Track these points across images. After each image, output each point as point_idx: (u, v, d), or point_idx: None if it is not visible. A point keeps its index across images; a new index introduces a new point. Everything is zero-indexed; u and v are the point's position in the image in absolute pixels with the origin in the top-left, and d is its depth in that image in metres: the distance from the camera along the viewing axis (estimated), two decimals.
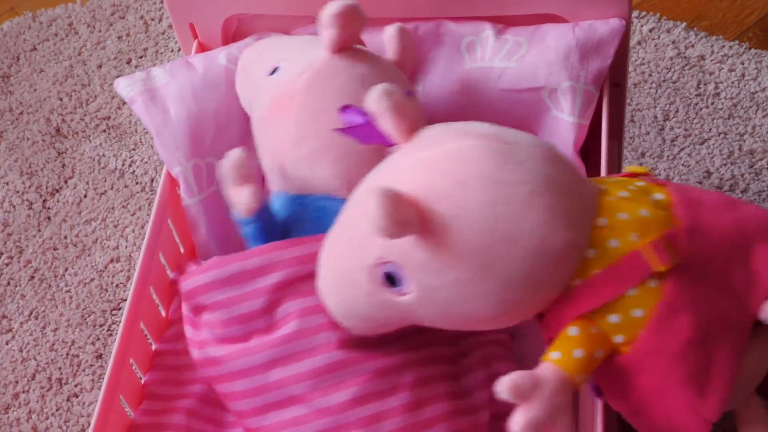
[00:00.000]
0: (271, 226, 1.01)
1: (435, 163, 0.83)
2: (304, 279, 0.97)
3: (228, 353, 0.99)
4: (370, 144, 0.90)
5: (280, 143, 1.01)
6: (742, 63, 1.56)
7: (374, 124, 0.88)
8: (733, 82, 1.54)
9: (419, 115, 0.87)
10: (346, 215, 0.90)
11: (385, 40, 1.07)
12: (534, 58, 1.09)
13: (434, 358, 0.97)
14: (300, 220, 1.02)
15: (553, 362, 0.83)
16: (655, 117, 1.51)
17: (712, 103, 1.52)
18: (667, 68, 1.57)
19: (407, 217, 0.80)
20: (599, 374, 0.86)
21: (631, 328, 0.84)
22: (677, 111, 1.52)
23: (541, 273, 0.83)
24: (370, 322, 0.91)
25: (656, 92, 1.54)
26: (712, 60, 1.57)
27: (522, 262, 0.82)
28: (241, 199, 0.99)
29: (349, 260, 0.88)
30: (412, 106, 0.87)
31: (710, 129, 1.49)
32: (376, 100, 0.86)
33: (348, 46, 1.02)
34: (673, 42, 1.60)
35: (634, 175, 0.92)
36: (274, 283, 0.98)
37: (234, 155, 1.00)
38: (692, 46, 1.59)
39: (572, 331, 0.84)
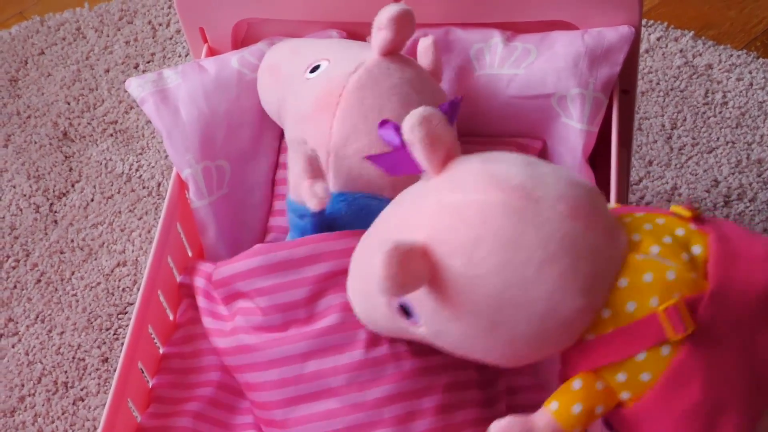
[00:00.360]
0: (323, 222, 1.01)
1: (456, 214, 0.81)
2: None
3: (264, 341, 0.99)
4: (397, 175, 0.89)
5: (326, 139, 1.01)
6: (750, 72, 1.56)
7: (407, 149, 0.86)
8: (741, 91, 1.54)
9: (454, 144, 0.85)
10: (371, 231, 0.89)
11: (420, 51, 1.07)
12: (543, 65, 1.09)
13: (467, 364, 0.97)
14: (342, 217, 1.02)
15: (550, 412, 0.82)
16: (663, 125, 1.51)
17: (720, 112, 1.52)
18: (675, 77, 1.57)
19: (416, 272, 0.79)
20: (610, 413, 0.85)
21: (637, 388, 0.82)
22: (685, 120, 1.52)
23: (548, 335, 0.81)
24: (388, 332, 0.92)
25: (664, 101, 1.54)
26: (719, 69, 1.57)
27: (528, 326, 0.80)
28: (315, 192, 0.98)
29: (369, 282, 0.87)
30: (447, 134, 0.84)
31: (718, 138, 1.49)
32: (409, 129, 0.83)
33: (398, 50, 1.03)
34: (681, 51, 1.60)
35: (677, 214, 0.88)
36: (319, 274, 0.98)
37: (307, 146, 0.99)
38: (700, 54, 1.59)
39: (576, 384, 0.83)
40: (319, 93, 1.02)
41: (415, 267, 0.79)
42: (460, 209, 0.81)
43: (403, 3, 1.02)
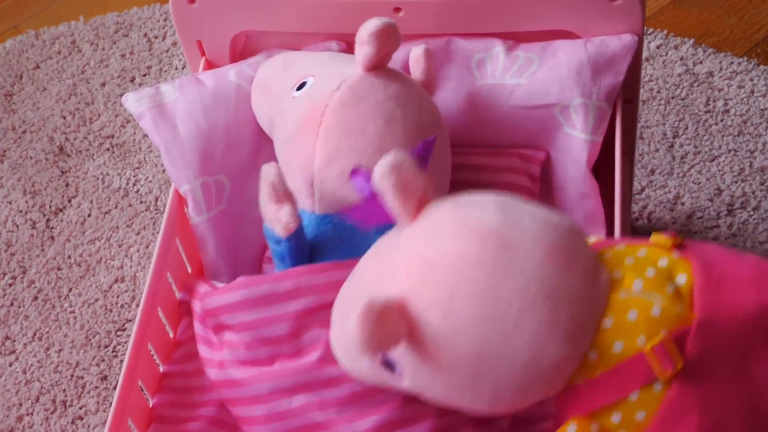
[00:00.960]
0: (302, 246, 0.99)
1: (430, 266, 0.79)
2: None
3: (250, 376, 0.97)
4: (371, 225, 0.87)
5: (310, 160, 1.00)
6: (751, 80, 1.55)
7: (378, 198, 0.84)
8: (742, 99, 1.53)
9: (426, 190, 0.83)
10: (353, 281, 0.87)
11: (411, 61, 1.05)
12: (545, 75, 1.08)
13: None
14: (327, 240, 1.00)
15: None
16: (665, 134, 1.50)
17: (722, 120, 1.51)
18: (676, 85, 1.56)
19: (393, 330, 0.77)
20: None
21: (633, 428, 0.80)
22: (686, 128, 1.51)
23: (534, 384, 0.79)
24: (376, 385, 0.90)
25: (665, 109, 1.53)
26: (720, 76, 1.56)
27: (512, 378, 0.78)
28: (279, 217, 0.96)
29: (349, 338, 0.85)
30: (418, 180, 0.82)
31: (720, 146, 1.48)
32: (379, 178, 0.81)
33: (383, 64, 1.01)
34: (681, 59, 1.59)
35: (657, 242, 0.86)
36: (302, 309, 0.96)
37: (271, 171, 0.97)
38: (700, 62, 1.58)
39: (570, 430, 0.81)
40: (302, 112, 1.01)
41: (391, 324, 0.77)
42: (434, 261, 0.79)
43: (388, 17, 1.01)
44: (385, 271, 0.82)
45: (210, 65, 1.20)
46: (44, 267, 1.46)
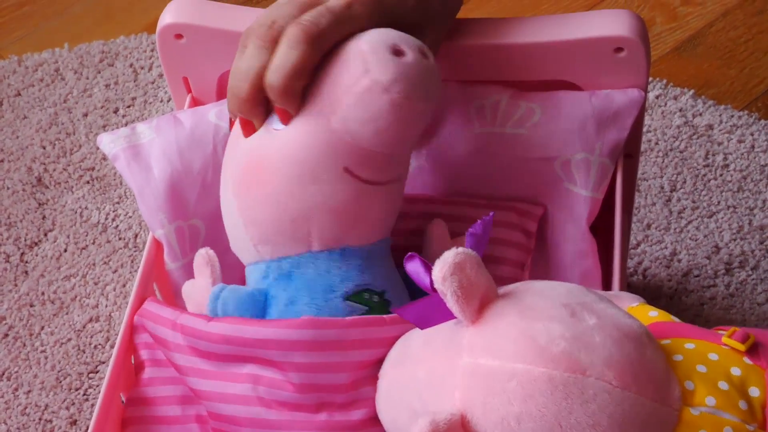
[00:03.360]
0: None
1: (495, 384, 0.75)
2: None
3: (289, 420, 0.93)
4: (428, 327, 0.82)
5: None
6: (752, 134, 1.51)
7: (438, 295, 0.79)
8: (742, 154, 1.49)
9: (490, 289, 0.78)
10: (403, 370, 0.84)
11: None
12: (547, 126, 1.04)
13: None
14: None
15: None
16: (662, 187, 1.47)
17: (721, 175, 1.47)
18: (675, 137, 1.52)
19: None
20: None
21: None
22: (684, 182, 1.47)
23: None
24: None
25: (663, 161, 1.49)
26: (720, 130, 1.53)
27: None
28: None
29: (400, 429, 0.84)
30: (482, 279, 0.77)
31: (719, 202, 1.45)
32: (441, 280, 0.76)
33: None
34: (681, 110, 1.55)
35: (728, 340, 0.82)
36: (365, 360, 0.91)
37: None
38: (700, 114, 1.55)
39: None
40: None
41: None
42: (499, 379, 0.75)
43: None
44: (441, 373, 0.78)
45: (196, 102, 1.16)
46: (16, 303, 1.41)
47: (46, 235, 1.49)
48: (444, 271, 0.75)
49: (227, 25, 1.09)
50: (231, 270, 1.04)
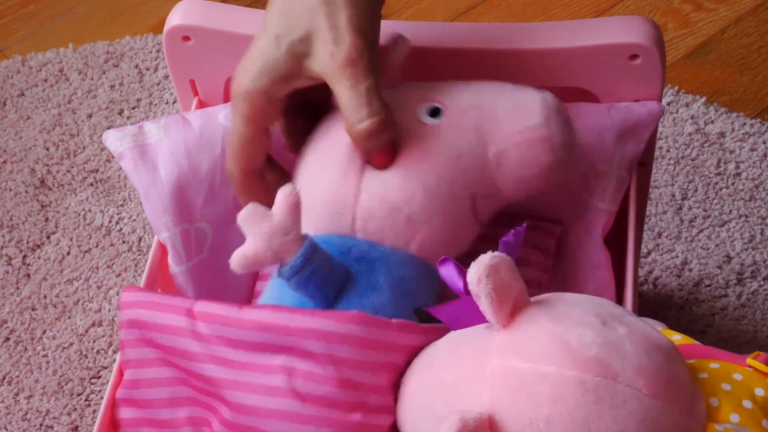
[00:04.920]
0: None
1: (525, 386, 0.75)
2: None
3: (322, 416, 0.90)
4: (459, 329, 0.82)
5: None
6: (765, 142, 1.50)
7: (469, 297, 0.79)
8: (754, 162, 1.47)
9: (522, 294, 0.77)
10: (429, 374, 0.83)
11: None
12: None
13: None
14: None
15: None
16: (673, 195, 1.45)
17: (733, 184, 1.45)
18: (686, 144, 1.50)
19: None
20: None
21: None
22: (696, 190, 1.45)
23: None
24: None
25: (674, 169, 1.48)
26: (732, 138, 1.51)
27: None
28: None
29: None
30: (515, 283, 0.77)
31: (731, 210, 1.43)
32: (476, 282, 0.75)
33: None
34: (692, 117, 1.53)
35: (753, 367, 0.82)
36: (405, 364, 0.89)
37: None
38: (712, 122, 1.53)
39: None
40: None
41: None
42: (529, 381, 0.74)
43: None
44: (470, 376, 0.77)
45: (203, 105, 1.14)
46: (18, 307, 1.39)
47: (48, 237, 1.47)
48: (480, 272, 0.75)
49: (235, 28, 1.07)
50: (236, 276, 1.02)
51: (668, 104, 1.55)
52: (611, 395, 0.73)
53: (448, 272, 0.83)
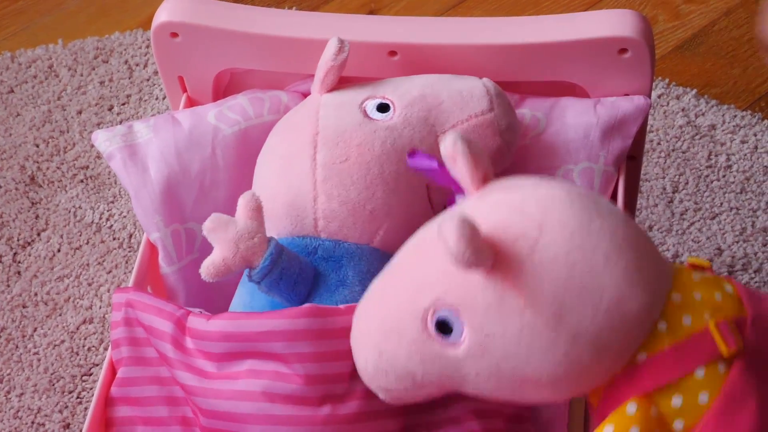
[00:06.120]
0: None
1: (516, 205, 0.79)
2: None
3: (296, 416, 0.92)
4: (444, 185, 0.86)
5: None
6: (755, 135, 1.50)
7: (444, 169, 0.84)
8: (745, 155, 1.47)
9: (490, 165, 0.82)
10: (399, 259, 0.85)
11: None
12: (551, 137, 1.03)
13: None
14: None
15: None
16: (664, 188, 1.45)
17: (724, 176, 1.45)
18: (677, 137, 1.50)
19: (484, 248, 0.75)
20: None
21: (693, 413, 0.79)
22: (687, 183, 1.45)
23: (612, 334, 0.78)
24: (403, 382, 0.84)
25: (665, 162, 1.47)
26: (723, 130, 1.51)
27: (594, 318, 0.77)
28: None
29: (397, 305, 0.82)
30: (484, 156, 0.82)
31: (722, 203, 1.43)
32: (452, 144, 0.81)
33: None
34: (683, 109, 1.53)
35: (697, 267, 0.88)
36: None
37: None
38: (703, 114, 1.53)
39: (630, 408, 0.79)
40: None
41: (482, 244, 0.75)
42: (520, 202, 0.79)
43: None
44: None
45: (191, 102, 1.14)
46: (8, 304, 1.39)
47: (39, 234, 1.47)
48: (454, 136, 0.81)
49: (223, 24, 1.07)
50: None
51: (659, 97, 1.55)
52: (597, 207, 0.80)
53: (418, 160, 0.88)
